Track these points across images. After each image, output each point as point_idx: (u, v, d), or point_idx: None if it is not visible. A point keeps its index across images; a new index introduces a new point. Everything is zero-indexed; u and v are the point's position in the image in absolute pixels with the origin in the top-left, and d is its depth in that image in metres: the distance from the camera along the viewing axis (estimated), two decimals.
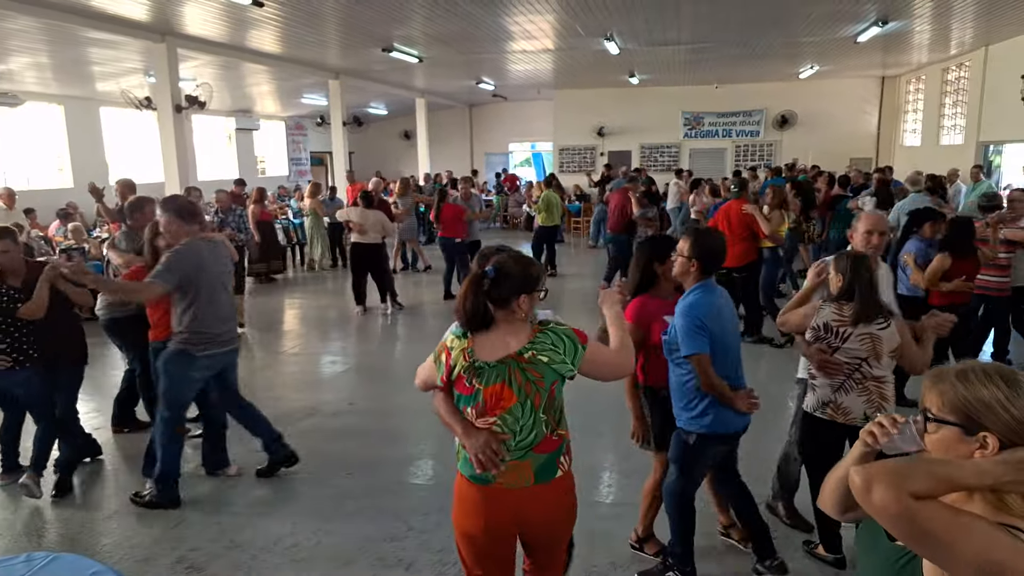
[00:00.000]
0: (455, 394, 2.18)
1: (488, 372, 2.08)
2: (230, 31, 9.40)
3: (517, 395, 2.08)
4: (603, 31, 10.07)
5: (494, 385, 2.08)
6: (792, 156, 16.26)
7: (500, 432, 2.10)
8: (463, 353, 2.11)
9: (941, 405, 1.28)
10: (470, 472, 2.15)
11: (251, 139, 17.90)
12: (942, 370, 1.32)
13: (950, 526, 1.14)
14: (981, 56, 11.92)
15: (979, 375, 1.27)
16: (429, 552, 3.44)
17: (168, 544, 3.57)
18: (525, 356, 2.08)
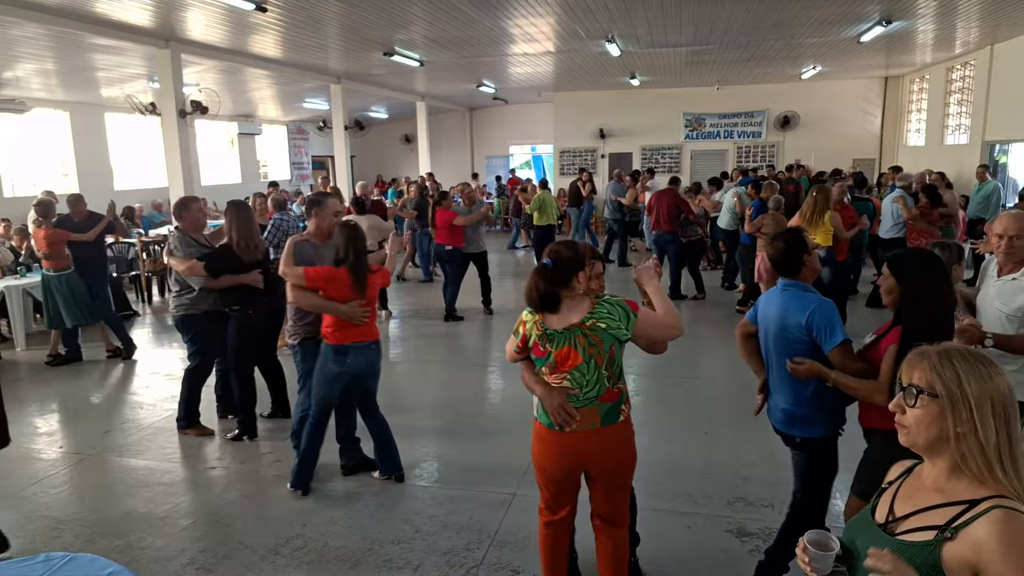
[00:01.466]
0: (532, 358, 2.63)
1: (557, 338, 2.54)
2: (233, 36, 9.42)
3: (582, 355, 2.52)
4: (604, 33, 10.07)
5: (562, 348, 2.53)
6: (795, 157, 16.22)
7: (570, 387, 2.54)
8: (535, 324, 2.58)
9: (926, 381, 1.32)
10: (547, 422, 2.60)
11: (253, 144, 17.93)
12: (925, 349, 1.37)
13: None
14: (987, 55, 11.89)
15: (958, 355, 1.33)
16: (436, 554, 3.43)
17: (179, 545, 3.58)
18: (587, 324, 2.52)
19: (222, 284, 4.75)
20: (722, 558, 3.38)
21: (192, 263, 4.69)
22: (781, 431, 2.97)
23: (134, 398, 5.95)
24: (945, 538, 1.26)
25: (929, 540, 1.28)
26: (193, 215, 4.95)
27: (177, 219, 4.98)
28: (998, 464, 1.26)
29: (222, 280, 4.74)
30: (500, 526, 3.68)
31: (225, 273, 4.74)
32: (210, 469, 4.49)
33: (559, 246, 2.61)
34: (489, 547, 3.49)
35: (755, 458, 4.42)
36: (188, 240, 4.85)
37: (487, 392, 6.07)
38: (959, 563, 1.24)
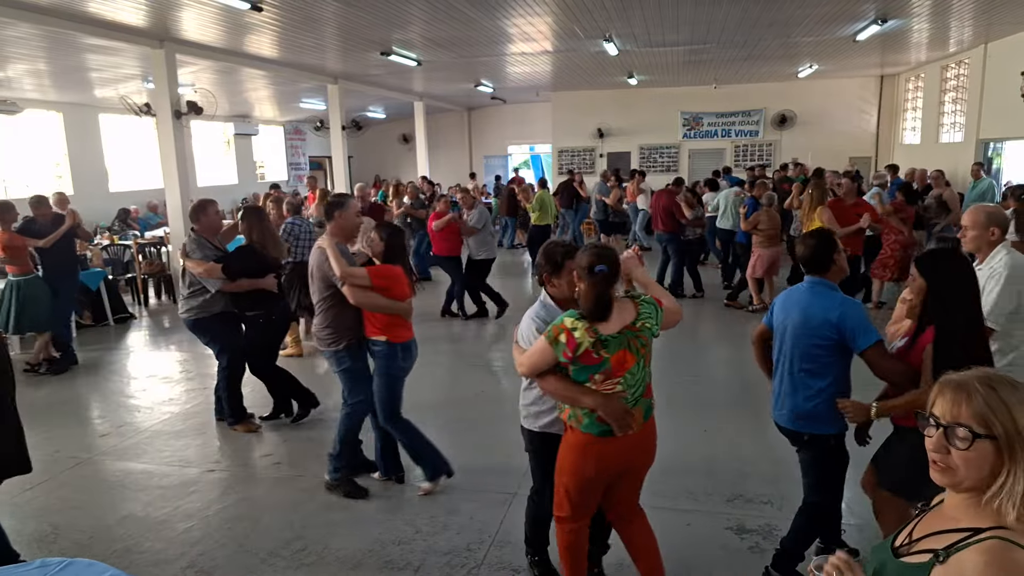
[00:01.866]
0: (577, 367, 2.52)
1: (612, 343, 2.49)
2: (228, 36, 9.39)
3: (636, 357, 2.54)
4: (602, 33, 10.07)
5: (617, 352, 2.50)
6: (792, 155, 16.24)
7: (622, 391, 2.54)
8: (587, 331, 2.47)
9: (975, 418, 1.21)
10: (599, 430, 2.56)
11: (250, 144, 17.90)
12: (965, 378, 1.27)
13: None
14: (980, 53, 11.93)
15: (1004, 383, 1.24)
16: (436, 555, 3.42)
17: (178, 548, 3.56)
18: (637, 325, 2.54)
19: (240, 287, 4.76)
20: (722, 554, 3.37)
21: (210, 265, 4.68)
22: (788, 429, 2.96)
23: (131, 401, 5.91)
24: (938, 561, 1.24)
25: (924, 562, 1.26)
26: (210, 218, 4.93)
27: (194, 221, 4.96)
28: (1010, 499, 1.19)
29: (240, 283, 4.75)
30: (500, 526, 3.67)
31: (243, 276, 4.76)
32: (208, 472, 4.46)
33: (599, 250, 2.55)
34: (490, 547, 3.48)
35: (754, 455, 4.42)
36: (204, 243, 4.84)
37: (487, 392, 6.06)
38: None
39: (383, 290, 3.75)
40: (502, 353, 7.03)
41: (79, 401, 6.00)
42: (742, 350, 6.25)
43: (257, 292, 4.82)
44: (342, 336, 3.91)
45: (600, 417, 2.53)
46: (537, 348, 2.58)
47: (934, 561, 1.24)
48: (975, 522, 1.24)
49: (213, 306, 4.85)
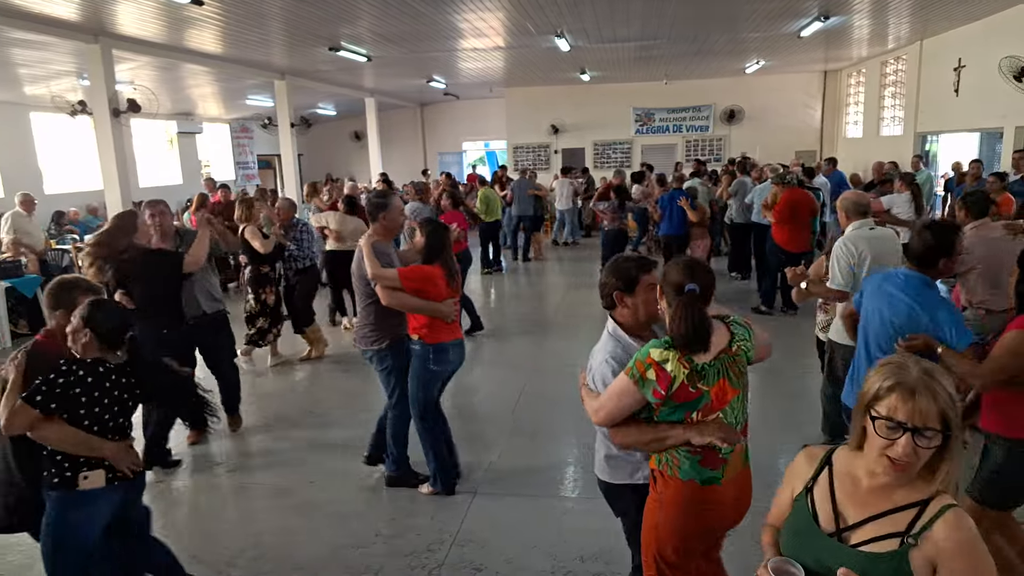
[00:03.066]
0: (669, 407, 2.10)
1: (710, 372, 2.08)
2: (168, 31, 9.06)
3: (737, 387, 2.15)
4: (553, 28, 10.08)
5: (718, 382, 2.10)
6: (740, 150, 16.59)
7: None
8: (680, 363, 2.06)
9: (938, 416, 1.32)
10: (702, 476, 2.12)
11: (194, 143, 17.35)
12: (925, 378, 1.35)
13: None
14: (916, 50, 12.38)
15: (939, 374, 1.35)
16: (397, 557, 3.36)
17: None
18: (733, 348, 2.14)
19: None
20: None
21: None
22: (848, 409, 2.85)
23: None
24: (910, 545, 1.33)
25: (896, 550, 1.34)
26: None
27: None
28: (943, 472, 1.36)
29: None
30: (462, 525, 3.63)
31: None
32: (158, 483, 4.29)
33: (694, 267, 2.18)
34: (451, 546, 3.44)
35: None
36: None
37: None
38: (923, 562, 1.33)
39: (416, 292, 3.65)
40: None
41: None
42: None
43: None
44: (383, 335, 3.87)
45: (704, 460, 2.08)
46: (617, 390, 2.13)
47: (908, 546, 1.32)
48: (911, 496, 1.36)
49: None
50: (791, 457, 1.79)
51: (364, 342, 3.93)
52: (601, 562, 3.27)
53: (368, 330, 3.89)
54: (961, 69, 10.78)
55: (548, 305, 9.10)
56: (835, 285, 3.85)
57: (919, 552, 1.32)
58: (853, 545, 1.39)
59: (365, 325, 3.91)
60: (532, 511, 3.77)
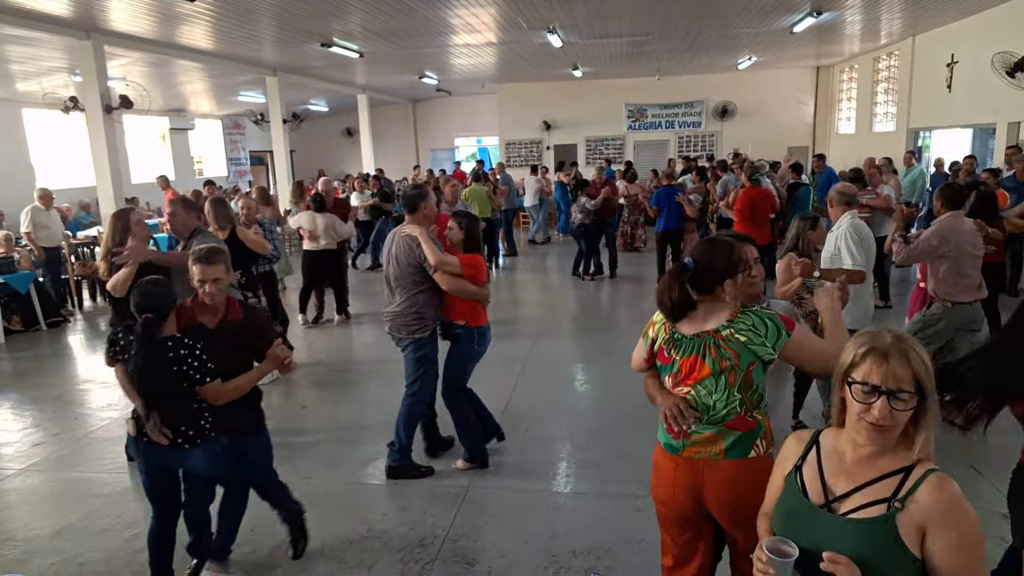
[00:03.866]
0: (657, 365, 2.30)
1: (685, 344, 2.19)
2: (160, 27, 9.03)
3: (711, 368, 2.14)
4: (545, 24, 10.08)
5: (689, 356, 2.17)
6: (733, 146, 16.64)
7: (691, 401, 2.17)
8: (664, 326, 2.26)
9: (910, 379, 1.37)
10: (665, 440, 2.27)
11: (186, 139, 17.29)
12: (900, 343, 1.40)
13: None
14: (909, 46, 12.43)
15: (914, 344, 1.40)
16: (389, 552, 3.38)
17: (121, 559, 3.41)
18: (722, 333, 2.14)
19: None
20: None
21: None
22: None
23: (67, 408, 5.65)
24: (897, 509, 1.38)
25: (884, 514, 1.39)
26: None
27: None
28: (921, 434, 1.41)
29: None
30: (455, 519, 3.65)
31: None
32: None
33: (710, 246, 2.22)
34: (444, 541, 3.46)
35: None
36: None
37: None
38: (911, 526, 1.37)
39: (471, 278, 3.91)
40: None
41: (9, 409, 5.70)
42: None
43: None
44: (428, 324, 4.02)
45: (668, 426, 2.21)
46: (639, 343, 2.40)
47: (895, 510, 1.37)
48: (894, 463, 1.42)
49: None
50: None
51: (405, 330, 4.01)
52: (592, 557, 3.29)
53: (411, 319, 3.99)
54: (954, 65, 10.83)
55: (537, 304, 9.11)
56: (858, 266, 4.11)
57: (906, 516, 1.36)
58: (843, 515, 1.43)
59: (408, 314, 3.98)
60: (525, 506, 3.79)
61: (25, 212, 8.85)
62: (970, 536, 1.34)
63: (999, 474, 3.72)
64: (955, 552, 1.33)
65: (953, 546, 1.33)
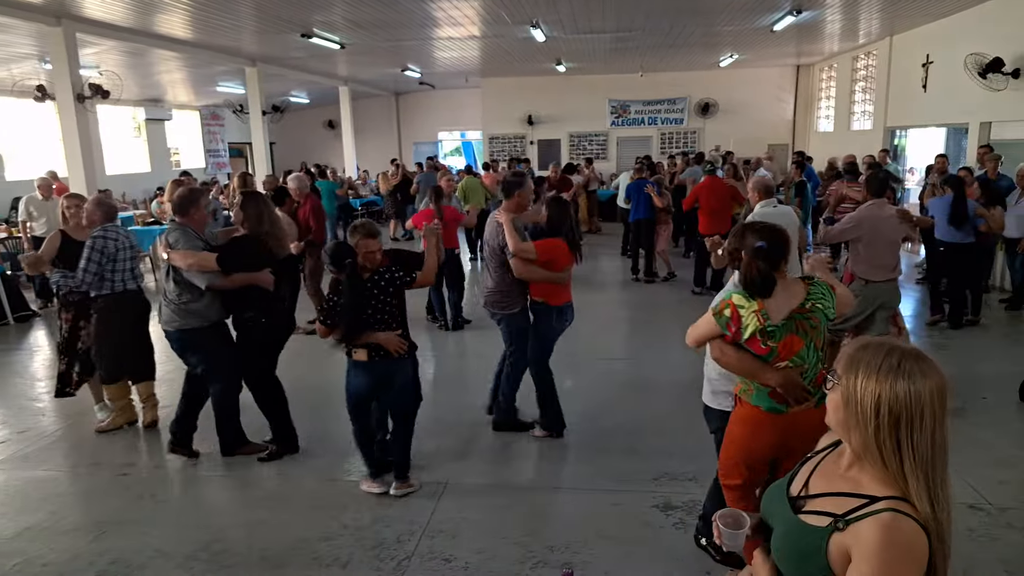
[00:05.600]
0: (746, 350, 2.49)
1: (779, 332, 2.44)
2: (135, 15, 8.85)
3: (804, 339, 2.47)
4: (529, 18, 10.04)
5: (784, 338, 2.45)
6: (714, 143, 16.73)
7: (795, 367, 2.47)
8: (756, 315, 2.44)
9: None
10: (768, 405, 2.54)
11: (163, 130, 17.00)
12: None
13: None
14: (886, 45, 12.56)
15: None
16: (365, 549, 3.35)
17: (87, 559, 3.34)
18: (806, 307, 2.47)
19: (235, 283, 4.07)
20: (647, 532, 3.44)
21: (204, 255, 3.94)
22: None
23: (34, 405, 5.52)
24: (837, 528, 1.29)
25: (824, 526, 1.32)
26: (201, 211, 4.20)
27: (182, 214, 4.12)
28: (894, 465, 1.25)
29: (235, 278, 4.06)
30: (432, 515, 3.63)
31: (239, 270, 4.07)
32: (122, 476, 4.22)
33: (765, 227, 2.57)
34: (421, 537, 3.43)
35: (679, 434, 4.54)
36: (191, 233, 4.07)
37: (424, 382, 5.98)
38: (839, 552, 1.28)
39: (546, 263, 4.20)
40: (429, 345, 6.96)
41: None
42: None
43: (252, 290, 4.14)
44: (516, 301, 4.35)
45: (772, 392, 2.51)
46: (704, 318, 2.58)
47: (833, 528, 1.29)
48: (874, 490, 1.29)
49: (208, 314, 4.10)
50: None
51: (496, 307, 4.40)
52: (570, 551, 3.29)
53: (500, 296, 4.37)
54: (929, 65, 10.96)
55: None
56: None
57: (839, 537, 1.28)
58: (798, 513, 1.39)
59: (497, 292, 4.38)
60: (503, 502, 3.78)
61: (23, 201, 8.74)
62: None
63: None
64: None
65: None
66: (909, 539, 1.22)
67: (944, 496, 1.25)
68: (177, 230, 4.07)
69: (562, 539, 3.37)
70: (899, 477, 1.25)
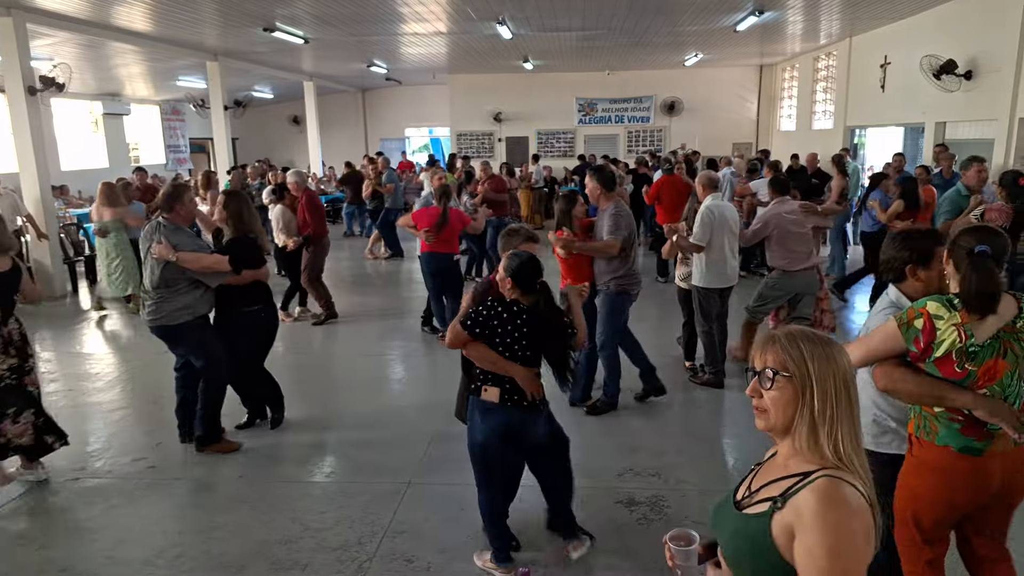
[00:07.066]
0: (931, 368, 2.07)
1: (983, 352, 2.02)
2: (91, 6, 8.59)
3: (1011, 364, 2.05)
4: (495, 15, 10.01)
5: (988, 362, 2.03)
6: (680, 141, 16.91)
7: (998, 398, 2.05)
8: (958, 330, 2.02)
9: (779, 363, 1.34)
10: (960, 444, 2.08)
11: (121, 124, 16.55)
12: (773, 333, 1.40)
13: None
14: (846, 46, 12.83)
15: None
16: (326, 551, 3.30)
17: (34, 568, 3.23)
18: (1017, 326, 2.05)
19: (243, 280, 4.31)
20: (611, 527, 3.45)
21: (216, 258, 4.17)
22: None
23: None
24: (776, 508, 1.30)
25: (764, 511, 1.33)
26: (187, 206, 4.28)
27: (168, 210, 4.19)
28: (826, 439, 1.29)
29: (244, 275, 4.30)
30: (394, 516, 3.59)
31: (248, 268, 4.33)
32: (73, 480, 4.09)
33: (983, 229, 2.17)
34: (383, 538, 3.40)
35: (643, 429, 4.57)
36: (188, 232, 4.24)
37: (381, 381, 5.94)
38: (782, 529, 1.28)
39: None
40: (405, 342, 6.90)
41: None
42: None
43: (256, 285, 4.45)
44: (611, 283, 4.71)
45: (964, 428, 2.07)
46: (881, 331, 2.14)
47: (773, 509, 1.31)
48: (803, 467, 1.32)
49: (200, 307, 4.22)
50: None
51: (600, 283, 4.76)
52: (534, 548, 3.28)
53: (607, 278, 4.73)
54: (887, 66, 11.23)
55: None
56: (695, 240, 5.08)
57: (780, 516, 1.28)
58: (744, 510, 1.40)
59: (607, 276, 4.73)
60: (468, 500, 3.74)
61: None
62: (828, 543, 1.20)
63: None
64: (808, 555, 1.22)
65: (807, 549, 1.22)
66: (848, 500, 1.24)
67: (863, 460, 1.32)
68: (176, 232, 4.14)
69: (526, 537, 3.36)
70: (832, 450, 1.29)
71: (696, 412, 5.03)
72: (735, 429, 4.70)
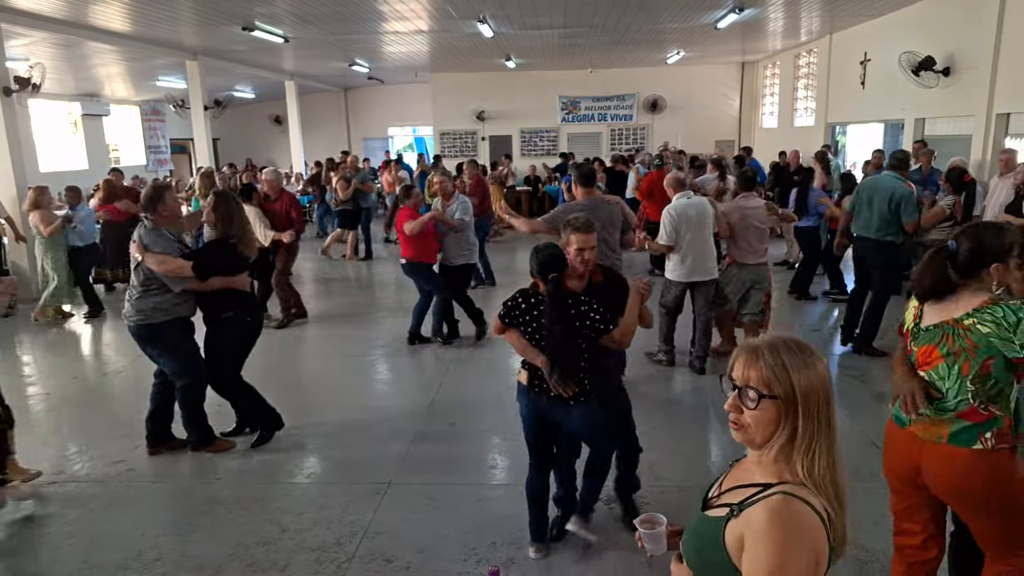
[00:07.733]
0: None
1: (923, 335, 2.25)
2: (67, 6, 8.47)
3: (943, 356, 2.18)
4: (476, 13, 9.98)
5: (925, 346, 2.24)
6: (663, 139, 16.97)
7: (931, 385, 2.22)
8: (914, 312, 2.31)
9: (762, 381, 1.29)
10: (896, 412, 2.35)
11: (101, 125, 16.35)
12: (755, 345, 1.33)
13: None
14: (827, 43, 12.93)
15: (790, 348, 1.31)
16: (304, 552, 3.29)
17: (8, 571, 3.19)
18: (964, 322, 2.13)
19: (211, 287, 4.15)
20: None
21: (178, 263, 4.01)
22: None
23: None
24: (732, 516, 1.30)
25: (721, 516, 1.33)
26: (169, 206, 4.19)
27: (150, 211, 4.14)
28: (801, 456, 1.27)
29: (211, 282, 4.14)
30: (374, 516, 3.58)
31: (216, 274, 4.15)
32: (49, 485, 4.04)
33: (979, 228, 2.23)
34: (362, 539, 3.39)
35: None
36: (164, 234, 4.10)
37: (361, 382, 5.92)
38: (735, 538, 1.29)
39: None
40: (395, 341, 6.88)
41: None
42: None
43: (230, 292, 4.24)
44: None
45: (899, 399, 2.32)
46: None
47: (729, 516, 1.31)
48: (766, 477, 1.31)
49: (177, 309, 4.13)
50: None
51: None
52: (513, 547, 3.29)
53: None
54: (867, 63, 11.33)
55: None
56: (662, 241, 5.43)
57: (734, 524, 1.29)
58: (709, 509, 1.42)
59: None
60: (446, 500, 3.76)
61: None
62: (770, 560, 1.20)
63: None
64: (751, 569, 1.23)
65: (750, 562, 1.23)
66: (798, 520, 1.23)
67: (839, 475, 1.30)
68: (152, 232, 4.09)
69: (506, 535, 3.37)
70: (802, 466, 1.27)
71: (677, 408, 5.06)
72: (716, 425, 4.73)
